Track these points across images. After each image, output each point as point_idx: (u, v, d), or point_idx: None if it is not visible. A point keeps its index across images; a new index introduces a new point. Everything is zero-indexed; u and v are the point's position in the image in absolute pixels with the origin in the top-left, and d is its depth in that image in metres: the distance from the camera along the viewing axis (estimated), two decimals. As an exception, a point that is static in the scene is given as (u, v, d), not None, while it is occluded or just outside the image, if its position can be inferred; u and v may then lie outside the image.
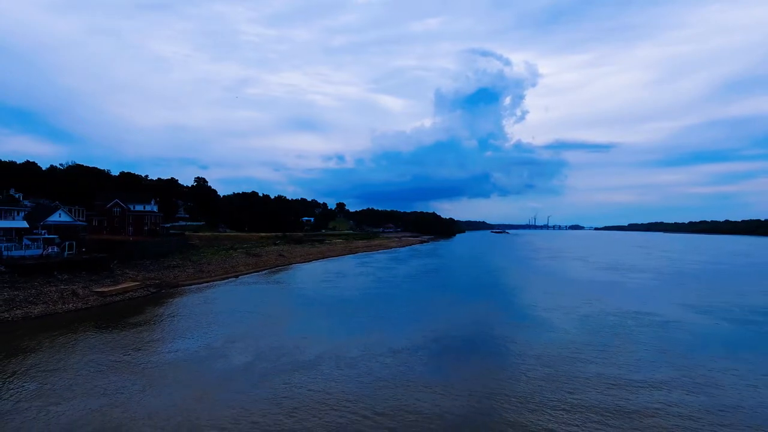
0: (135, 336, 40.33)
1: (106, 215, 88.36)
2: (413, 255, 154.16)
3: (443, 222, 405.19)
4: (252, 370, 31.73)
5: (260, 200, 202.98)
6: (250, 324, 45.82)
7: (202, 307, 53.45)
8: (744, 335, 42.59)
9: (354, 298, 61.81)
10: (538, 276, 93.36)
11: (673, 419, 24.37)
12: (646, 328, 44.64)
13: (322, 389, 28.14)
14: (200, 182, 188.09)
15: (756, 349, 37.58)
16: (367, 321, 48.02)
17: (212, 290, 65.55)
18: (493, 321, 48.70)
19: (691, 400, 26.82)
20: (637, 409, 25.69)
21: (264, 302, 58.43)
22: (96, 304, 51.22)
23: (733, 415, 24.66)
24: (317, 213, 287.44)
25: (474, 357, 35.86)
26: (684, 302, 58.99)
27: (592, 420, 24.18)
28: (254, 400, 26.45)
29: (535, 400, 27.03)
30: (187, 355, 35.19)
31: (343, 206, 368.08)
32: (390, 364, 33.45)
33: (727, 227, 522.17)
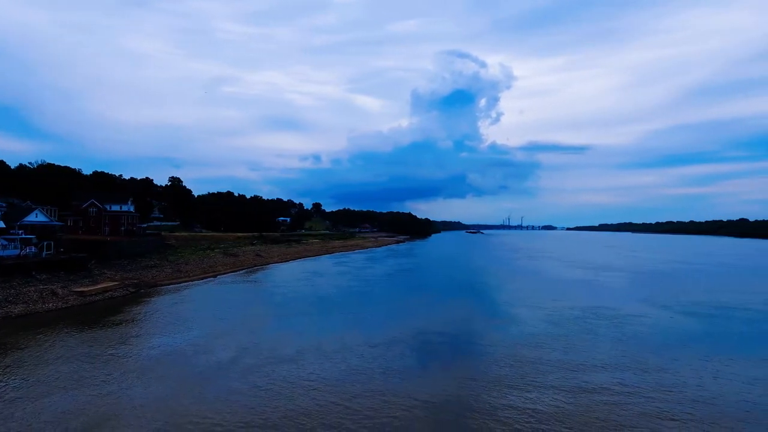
0: (118, 334, 41.30)
1: (81, 215, 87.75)
2: (389, 255, 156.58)
3: (419, 222, 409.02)
4: (236, 364, 33.24)
5: (236, 200, 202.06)
6: (231, 322, 47.15)
7: (183, 306, 54.48)
8: (695, 328, 46.06)
9: (332, 297, 63.61)
10: (510, 275, 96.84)
11: (619, 396, 27.40)
12: (606, 322, 47.85)
13: (303, 381, 29.86)
14: (175, 182, 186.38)
15: (704, 340, 40.96)
16: (345, 318, 49.90)
17: (191, 290, 66.39)
18: (467, 317, 51.35)
19: (638, 380, 29.79)
20: (589, 387, 28.68)
21: (244, 301, 59.78)
22: (76, 304, 51.72)
23: (673, 394, 27.53)
24: (293, 213, 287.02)
25: (448, 349, 38.30)
26: (644, 299, 62.76)
27: (550, 396, 26.97)
28: (239, 392, 28.00)
29: (502, 383, 29.64)
30: (171, 351, 36.45)
31: (319, 206, 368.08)
32: (367, 356, 35.42)
33: (693, 228, 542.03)
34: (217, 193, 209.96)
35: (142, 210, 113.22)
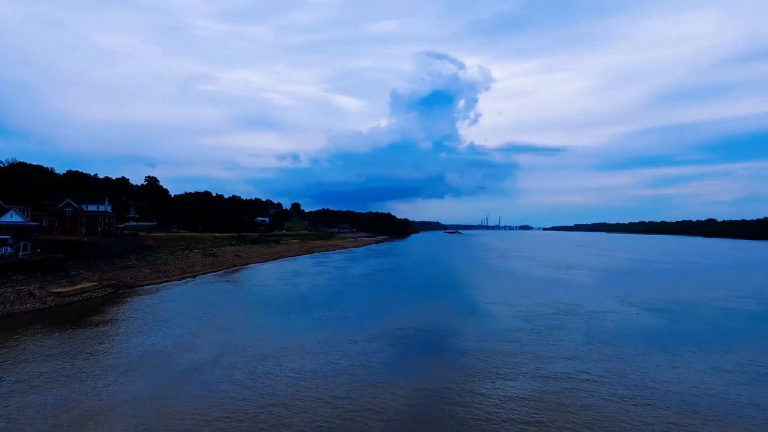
0: (98, 333, 41.55)
1: (57, 215, 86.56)
2: (369, 255, 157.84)
3: (398, 222, 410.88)
4: (219, 362, 34.02)
5: (214, 200, 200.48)
6: (212, 321, 47.74)
7: (163, 306, 54.76)
8: (658, 323, 48.59)
9: (313, 296, 64.55)
10: (486, 274, 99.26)
11: (585, 383, 29.44)
12: (576, 318, 50.08)
13: (285, 376, 30.86)
14: (151, 181, 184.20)
15: (666, 334, 43.38)
16: (326, 316, 50.93)
17: (171, 290, 66.50)
18: (443, 314, 53.03)
19: (602, 370, 31.77)
20: (557, 377, 30.63)
21: (224, 301, 60.28)
22: (54, 305, 51.53)
23: (634, 382, 29.49)
24: (272, 213, 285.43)
25: (425, 344, 39.78)
26: (613, 296, 65.45)
27: (521, 385, 28.69)
28: (223, 388, 28.87)
29: (475, 372, 31.44)
30: (154, 350, 36.99)
31: (298, 206, 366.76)
32: (348, 352, 36.60)
33: (663, 227, 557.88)
34: (194, 193, 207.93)
35: (118, 210, 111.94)
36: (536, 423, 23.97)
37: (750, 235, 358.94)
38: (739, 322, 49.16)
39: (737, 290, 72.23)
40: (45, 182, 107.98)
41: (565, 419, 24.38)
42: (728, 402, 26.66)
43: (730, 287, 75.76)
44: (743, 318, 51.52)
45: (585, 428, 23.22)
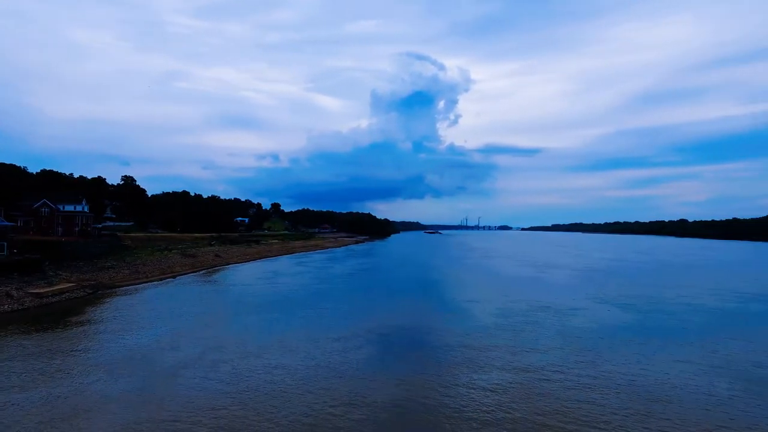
0: (80, 333, 41.65)
1: (33, 216, 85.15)
2: (349, 255, 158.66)
3: (378, 222, 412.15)
4: (203, 360, 34.59)
5: (192, 200, 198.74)
6: (194, 320, 48.10)
7: (143, 306, 54.83)
8: (628, 319, 50.75)
9: (293, 296, 65.22)
10: (465, 273, 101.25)
11: (553, 374, 31.19)
12: (550, 314, 51.97)
13: (268, 373, 31.65)
14: (128, 181, 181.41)
15: (634, 329, 45.47)
16: (307, 315, 51.73)
17: (151, 290, 66.34)
18: (424, 311, 54.44)
19: (573, 362, 33.44)
20: (530, 368, 32.24)
21: (205, 300, 60.51)
22: (33, 305, 51.17)
23: (602, 372, 31.18)
24: (251, 213, 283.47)
25: (405, 339, 41.06)
26: (586, 293, 67.79)
27: (496, 376, 30.18)
28: (207, 385, 29.55)
29: (453, 364, 32.81)
30: (137, 349, 37.33)
31: (278, 206, 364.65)
32: (329, 349, 37.52)
33: (638, 227, 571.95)
34: (172, 193, 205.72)
35: (95, 210, 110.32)
36: (508, 410, 25.44)
37: (719, 235, 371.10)
38: (702, 317, 51.65)
39: (702, 287, 75.45)
40: (18, 182, 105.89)
41: (535, 406, 25.92)
42: (688, 390, 28.52)
43: (696, 285, 79.02)
44: (705, 313, 54.11)
45: (554, 414, 24.69)
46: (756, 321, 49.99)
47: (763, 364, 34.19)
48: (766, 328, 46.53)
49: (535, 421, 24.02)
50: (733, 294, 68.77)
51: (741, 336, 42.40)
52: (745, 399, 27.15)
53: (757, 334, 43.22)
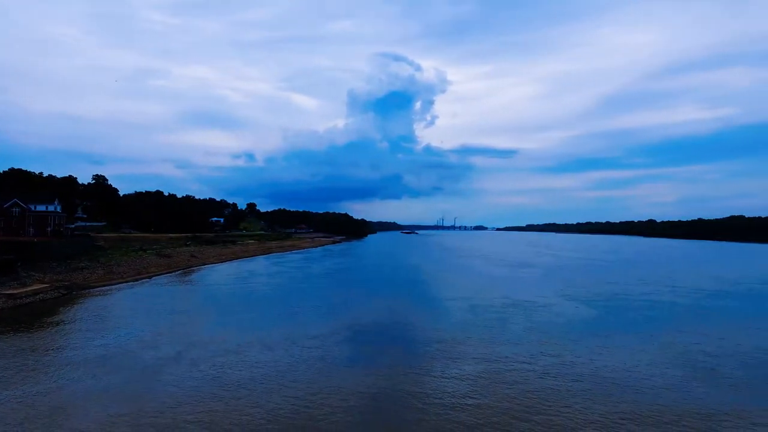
0: (58, 333, 41.74)
1: (3, 216, 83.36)
2: (326, 255, 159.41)
3: (355, 223, 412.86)
4: (183, 357, 35.26)
5: (166, 200, 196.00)
6: (172, 320, 48.52)
7: (120, 306, 54.88)
8: (593, 314, 53.31)
9: (271, 295, 66.01)
10: (440, 272, 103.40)
11: (521, 364, 33.06)
12: (521, 310, 54.21)
13: (249, 369, 32.60)
14: (100, 180, 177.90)
15: (599, 323, 47.99)
16: (285, 314, 52.69)
17: (126, 291, 66.15)
18: (400, 309, 56.07)
19: (540, 354, 35.37)
20: (500, 359, 34.10)
21: (183, 300, 60.76)
22: (7, 306, 50.70)
23: (567, 362, 33.23)
24: (227, 213, 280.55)
25: (382, 336, 42.58)
26: (556, 291, 70.52)
27: (468, 366, 31.90)
28: (188, 381, 30.32)
29: (427, 357, 34.30)
30: (117, 347, 37.73)
31: (254, 206, 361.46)
32: (308, 346, 38.61)
33: (608, 228, 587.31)
34: (145, 193, 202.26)
35: (66, 210, 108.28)
36: (477, 396, 27.24)
37: (685, 235, 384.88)
38: (660, 311, 54.64)
39: (664, 284, 79.23)
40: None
41: (503, 393, 27.80)
42: (644, 376, 30.76)
43: (657, 282, 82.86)
44: (663, 308, 57.22)
45: (519, 400, 26.49)
46: (709, 315, 53.05)
47: (713, 353, 36.81)
48: (717, 321, 49.44)
49: (502, 406, 25.78)
50: (689, 290, 72.52)
51: (695, 329, 45.22)
52: (694, 385, 29.52)
53: (709, 327, 46.05)
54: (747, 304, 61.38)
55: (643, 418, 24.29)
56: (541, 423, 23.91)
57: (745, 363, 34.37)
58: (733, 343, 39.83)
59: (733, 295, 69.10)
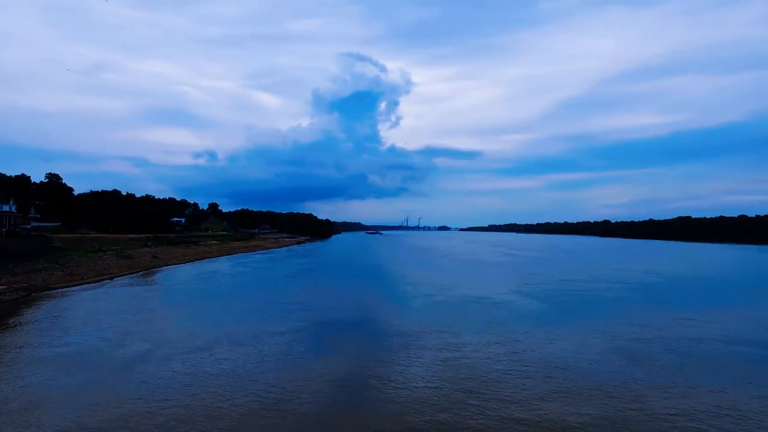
0: (20, 332, 41.52)
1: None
2: (291, 255, 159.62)
3: (320, 223, 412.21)
4: (152, 355, 35.97)
5: (124, 199, 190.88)
6: (138, 319, 48.70)
7: (84, 306, 54.48)
8: (546, 308, 56.77)
9: (237, 294, 66.75)
10: (404, 270, 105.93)
11: (476, 353, 35.40)
12: (479, 306, 57.14)
13: (218, 365, 33.71)
14: (53, 178, 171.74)
15: (550, 317, 51.16)
16: (252, 312, 53.65)
17: (88, 292, 65.33)
18: (364, 306, 58.16)
19: (495, 345, 37.98)
20: (458, 349, 36.39)
21: (147, 300, 60.66)
22: (-37, 308, 49.71)
23: (518, 351, 36.01)
24: (188, 213, 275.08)
25: (346, 331, 44.35)
26: (512, 287, 74.14)
27: (428, 355, 33.99)
28: (159, 377, 31.25)
29: (390, 349, 36.30)
30: (85, 346, 38.04)
31: (216, 206, 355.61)
32: (276, 342, 39.96)
33: (566, 228, 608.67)
34: (102, 192, 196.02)
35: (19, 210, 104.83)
36: (436, 379, 29.65)
37: (637, 235, 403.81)
38: (606, 304, 58.73)
39: (610, 280, 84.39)
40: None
41: (459, 376, 30.42)
42: (585, 361, 33.76)
43: (606, 278, 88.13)
44: (610, 301, 61.38)
45: (472, 382, 28.92)
46: (644, 307, 57.22)
47: (644, 339, 40.45)
48: (649, 312, 53.60)
49: (459, 386, 28.28)
50: (629, 285, 77.73)
51: (631, 319, 49.06)
52: (626, 366, 32.81)
53: (643, 318, 50.00)
54: (677, 297, 66.59)
55: (581, 393, 27.30)
56: (492, 398, 26.72)
57: (670, 348, 38.17)
58: (662, 331, 43.76)
59: (666, 289, 74.70)
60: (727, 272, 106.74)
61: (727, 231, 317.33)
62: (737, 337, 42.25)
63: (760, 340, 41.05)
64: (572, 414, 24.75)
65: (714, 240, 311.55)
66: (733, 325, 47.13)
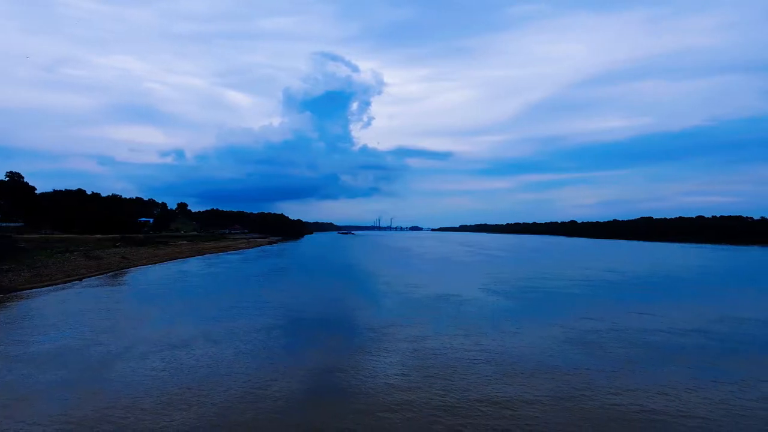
0: (-7, 334, 41.65)
1: None
2: (263, 255, 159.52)
3: (291, 223, 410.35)
4: (131, 352, 36.71)
5: (90, 198, 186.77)
6: (113, 318, 49.04)
7: (55, 307, 54.33)
8: (511, 305, 59.60)
9: (211, 293, 67.25)
10: (377, 270, 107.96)
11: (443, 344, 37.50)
12: (448, 303, 59.50)
13: (197, 361, 34.84)
14: (14, 177, 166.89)
15: (513, 312, 53.97)
16: (226, 310, 54.37)
17: (59, 293, 64.81)
18: (337, 303, 60.03)
19: (461, 337, 40.28)
20: (424, 340, 38.43)
21: (120, 300, 60.77)
22: (-71, 309, 49.04)
23: (481, 343, 38.45)
24: (156, 213, 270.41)
25: (320, 329, 45.79)
26: (480, 286, 76.89)
27: (400, 345, 35.96)
28: (139, 373, 32.28)
29: (362, 346, 38.03)
30: (60, 344, 38.44)
31: (185, 206, 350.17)
32: (252, 340, 41.16)
33: (535, 228, 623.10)
34: (65, 191, 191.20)
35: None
36: (406, 367, 31.65)
37: (602, 235, 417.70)
38: (567, 300, 61.98)
39: (571, 278, 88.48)
40: None
41: (427, 364, 32.49)
42: (544, 353, 36.34)
43: (568, 276, 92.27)
44: (571, 297, 64.82)
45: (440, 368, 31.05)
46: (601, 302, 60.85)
47: (598, 330, 43.60)
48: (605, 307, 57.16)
49: (426, 372, 30.30)
50: (590, 282, 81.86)
51: (589, 314, 52.33)
52: (579, 355, 35.55)
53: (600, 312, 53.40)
54: (632, 293, 70.54)
55: (536, 377, 29.80)
56: (456, 381, 29.15)
57: (620, 338, 41.26)
58: (614, 323, 46.93)
59: (623, 286, 78.96)
60: (680, 270, 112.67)
61: (686, 231, 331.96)
62: (680, 327, 45.81)
63: (701, 330, 44.71)
64: (527, 393, 27.34)
65: (673, 239, 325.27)
66: (678, 317, 50.85)
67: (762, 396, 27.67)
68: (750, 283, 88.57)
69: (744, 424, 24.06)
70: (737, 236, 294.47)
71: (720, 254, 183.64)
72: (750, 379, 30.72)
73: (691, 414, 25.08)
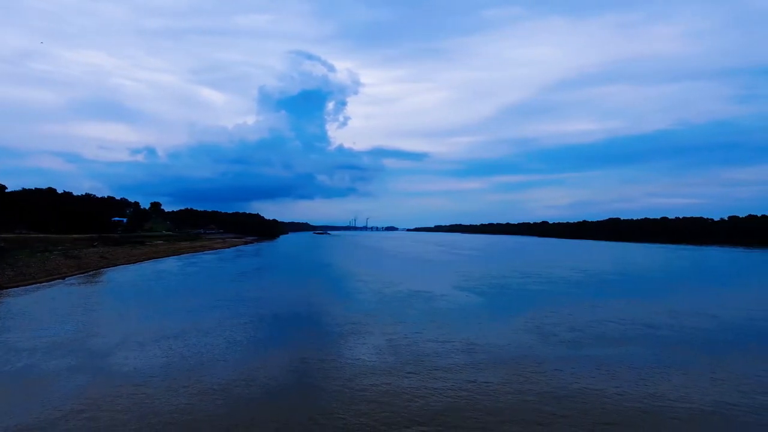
0: (-9, 329, 43.81)
1: None
2: (239, 255, 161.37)
3: (267, 223, 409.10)
4: (127, 343, 39.35)
5: (62, 198, 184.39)
6: (103, 313, 51.58)
7: (42, 304, 56.30)
8: (482, 301, 64.21)
9: (192, 291, 69.94)
10: (353, 268, 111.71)
11: (415, 336, 41.77)
12: (421, 299, 63.67)
13: (191, 349, 37.96)
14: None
15: (484, 308, 58.63)
16: (211, 306, 57.10)
17: (43, 291, 66.52)
18: (315, 300, 63.52)
19: (433, 329, 44.50)
20: (397, 334, 42.48)
21: (107, 297, 63.09)
22: None
23: (452, 337, 42.66)
24: (129, 213, 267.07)
25: (301, 321, 49.52)
26: (453, 283, 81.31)
27: (373, 340, 39.93)
28: (140, 361, 35.27)
29: (342, 333, 41.98)
30: (62, 337, 40.83)
31: (158, 206, 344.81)
32: (240, 331, 44.46)
33: (508, 228, 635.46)
34: (35, 190, 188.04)
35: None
36: (381, 357, 35.58)
37: (572, 235, 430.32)
38: (532, 297, 66.94)
39: (539, 277, 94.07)
40: None
41: (400, 354, 36.52)
42: (507, 341, 40.87)
43: (535, 275, 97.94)
44: (536, 294, 69.85)
45: (412, 357, 35.19)
46: (563, 299, 66.03)
47: (556, 323, 48.51)
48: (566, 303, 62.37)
49: (399, 360, 34.37)
50: (553, 280, 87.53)
51: (551, 308, 57.33)
52: (537, 343, 40.27)
53: (560, 307, 58.46)
54: (592, 290, 76.28)
55: (496, 362, 34.26)
56: (425, 366, 33.20)
57: (574, 328, 46.23)
58: (571, 316, 52.00)
59: (585, 283, 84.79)
60: (641, 269, 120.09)
61: (650, 232, 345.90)
62: (630, 319, 51.19)
63: (648, 323, 49.91)
64: (487, 375, 31.75)
65: (639, 240, 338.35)
66: (630, 310, 56.26)
67: (688, 375, 32.88)
68: (698, 281, 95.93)
69: (669, 398, 29.05)
70: (697, 237, 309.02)
71: (678, 254, 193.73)
72: (680, 363, 35.99)
73: (627, 392, 29.91)
